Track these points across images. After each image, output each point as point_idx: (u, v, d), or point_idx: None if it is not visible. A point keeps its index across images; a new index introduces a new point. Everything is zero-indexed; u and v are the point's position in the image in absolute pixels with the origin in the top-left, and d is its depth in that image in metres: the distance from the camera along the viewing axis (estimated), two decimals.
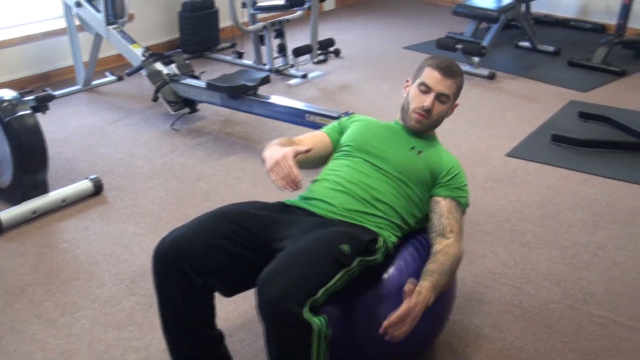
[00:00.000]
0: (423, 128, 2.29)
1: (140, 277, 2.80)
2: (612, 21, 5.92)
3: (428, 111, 2.23)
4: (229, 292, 2.06)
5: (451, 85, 2.25)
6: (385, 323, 1.83)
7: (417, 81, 2.27)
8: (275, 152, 2.05)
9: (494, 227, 3.20)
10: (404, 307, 1.83)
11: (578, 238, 3.12)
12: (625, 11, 5.53)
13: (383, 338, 2.10)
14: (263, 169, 2.06)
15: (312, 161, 2.31)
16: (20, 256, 2.96)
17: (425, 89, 2.23)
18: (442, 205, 2.17)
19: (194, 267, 1.92)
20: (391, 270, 2.10)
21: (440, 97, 2.24)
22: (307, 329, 1.73)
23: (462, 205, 2.22)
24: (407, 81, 2.35)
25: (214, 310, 2.04)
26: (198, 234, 1.96)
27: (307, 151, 2.08)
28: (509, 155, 3.96)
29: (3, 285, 2.75)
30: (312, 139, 2.33)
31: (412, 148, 2.26)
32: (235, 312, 2.57)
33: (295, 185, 1.96)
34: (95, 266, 2.88)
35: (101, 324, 2.52)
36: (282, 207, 2.16)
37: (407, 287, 1.85)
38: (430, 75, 2.23)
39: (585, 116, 4.46)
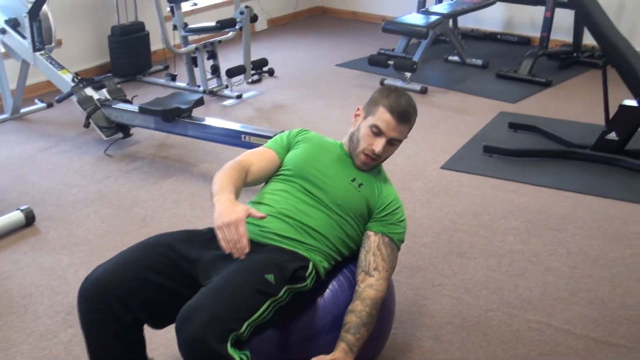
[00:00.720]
0: (369, 169, 2.23)
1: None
2: (536, 34, 6.12)
3: (378, 156, 2.17)
4: (159, 325, 2.02)
5: (404, 130, 2.17)
6: None
7: (370, 120, 2.16)
8: (228, 209, 1.86)
9: (432, 239, 3.25)
10: None
11: (513, 246, 3.20)
12: (548, 24, 5.74)
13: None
14: (211, 203, 1.94)
15: (261, 179, 2.26)
16: None
17: (377, 131, 2.14)
18: (372, 241, 2.13)
19: (122, 302, 1.87)
20: (325, 295, 2.10)
21: (391, 141, 2.17)
22: None
23: (395, 242, 2.17)
24: (358, 110, 2.26)
25: (144, 342, 2.02)
26: (125, 268, 1.91)
27: (262, 218, 1.94)
28: (444, 167, 4.04)
29: None
30: (259, 157, 2.23)
31: (353, 180, 2.19)
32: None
33: (241, 254, 1.83)
34: (29, 299, 2.80)
35: (37, 359, 2.44)
36: (212, 235, 2.03)
37: None
38: (384, 119, 2.12)
39: (514, 126, 4.59)
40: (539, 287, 2.88)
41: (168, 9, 5.21)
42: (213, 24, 5.12)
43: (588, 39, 5.52)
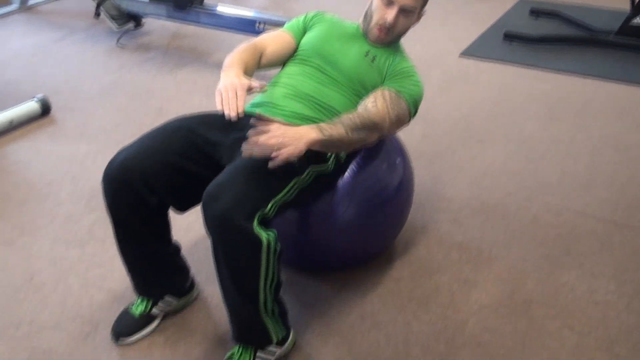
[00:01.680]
0: (384, 44, 2.16)
1: (98, 194, 2.73)
2: None
3: (390, 27, 2.09)
4: (182, 208, 2.03)
5: None
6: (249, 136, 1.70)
7: None
8: (233, 79, 1.85)
9: (451, 126, 3.22)
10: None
11: (533, 132, 3.17)
12: None
13: (341, 244, 2.11)
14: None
15: (277, 62, 2.21)
16: None
17: (388, 1, 2.06)
18: (377, 89, 2.06)
19: (147, 185, 1.86)
20: (345, 176, 2.09)
21: (404, 11, 2.07)
22: (256, 244, 1.68)
23: (403, 95, 2.05)
24: None
25: (169, 226, 2.03)
26: (149, 152, 1.89)
27: (262, 88, 1.87)
28: (463, 55, 3.95)
29: None
30: (274, 40, 2.18)
31: (367, 54, 2.13)
32: (198, 222, 2.56)
33: (233, 113, 1.75)
34: (50, 187, 2.83)
35: (62, 241, 2.49)
36: (230, 123, 2.06)
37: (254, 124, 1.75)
38: None
39: (536, 13, 4.46)
40: (559, 171, 2.87)
41: None
42: None
43: None
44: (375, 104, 1.99)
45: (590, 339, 2.02)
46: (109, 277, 2.30)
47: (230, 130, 1.99)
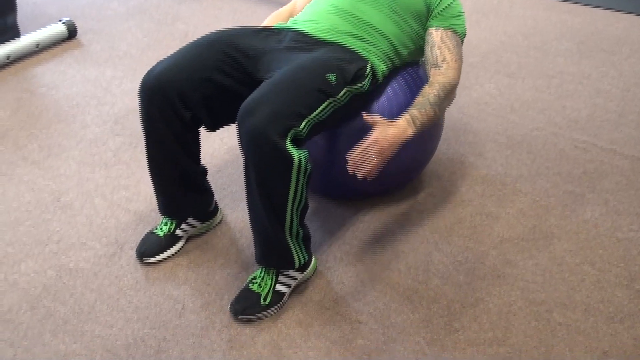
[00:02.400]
0: None
1: (124, 118, 2.77)
2: None
3: None
4: (214, 126, 2.02)
5: None
6: (349, 160, 1.79)
7: None
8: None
9: (479, 59, 3.16)
10: (364, 143, 1.79)
11: (563, 67, 3.11)
12: None
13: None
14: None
15: None
16: None
17: None
18: (434, 36, 2.09)
19: (183, 99, 1.87)
20: (380, 99, 2.08)
21: None
22: (288, 161, 1.69)
23: (458, 34, 2.12)
24: None
25: (199, 146, 2.03)
26: (185, 66, 1.88)
27: None
28: None
29: None
30: None
31: None
32: (223, 149, 2.58)
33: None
34: (76, 109, 2.84)
35: (88, 163, 2.52)
36: (270, 32, 2.07)
37: (365, 117, 1.82)
38: None
39: None
40: (588, 108, 2.83)
41: None
42: None
43: None
44: (445, 60, 2.03)
45: (610, 275, 2.02)
46: (134, 200, 2.33)
47: (268, 41, 2.01)
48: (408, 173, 2.31)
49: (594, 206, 2.29)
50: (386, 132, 1.82)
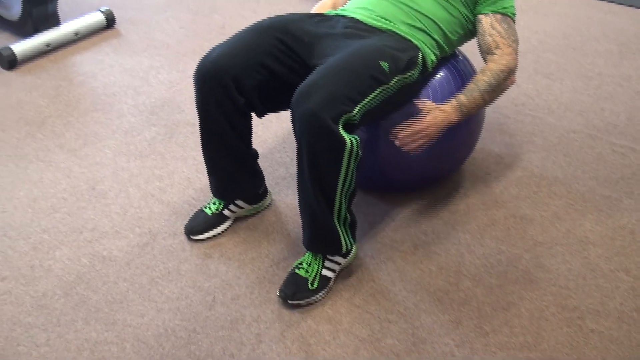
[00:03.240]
0: None
1: (160, 109, 2.79)
2: None
3: None
4: (263, 112, 2.05)
5: None
6: (398, 136, 1.87)
7: None
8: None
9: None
10: (416, 125, 1.86)
11: (603, 69, 3.05)
12: None
13: (409, 163, 2.12)
14: None
15: None
16: (37, 89, 2.94)
17: None
18: (484, 23, 2.08)
19: (237, 84, 1.90)
20: (425, 90, 2.07)
21: None
22: (340, 145, 1.72)
23: (509, 15, 2.10)
24: None
25: (251, 130, 2.06)
26: (240, 51, 1.91)
27: None
28: None
29: (23, 117, 2.75)
30: None
31: None
32: (274, 133, 2.58)
33: None
34: (113, 98, 2.87)
35: (123, 153, 2.54)
36: (323, 17, 2.08)
37: (416, 103, 1.88)
38: None
39: None
40: (627, 111, 2.78)
41: None
42: None
43: None
44: (498, 47, 2.03)
45: None
46: (168, 191, 2.35)
47: (321, 26, 2.03)
48: (448, 167, 2.29)
49: (631, 212, 2.25)
50: (436, 119, 1.88)
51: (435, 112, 1.89)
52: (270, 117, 2.71)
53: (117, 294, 1.96)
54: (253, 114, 2.02)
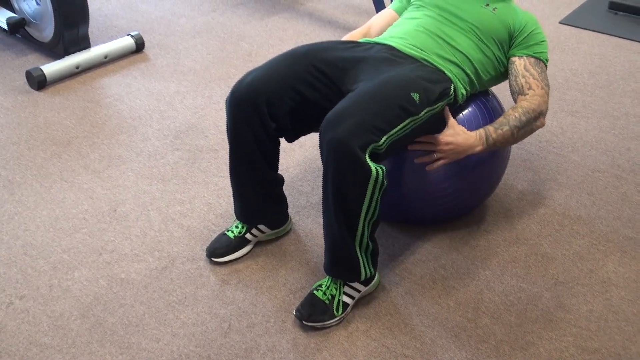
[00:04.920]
0: None
1: (184, 134, 2.81)
2: None
3: None
4: (293, 138, 2.06)
5: None
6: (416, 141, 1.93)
7: None
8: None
9: None
10: (436, 135, 1.91)
11: (629, 109, 3.03)
12: None
13: (432, 196, 2.11)
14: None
15: (385, 27, 2.32)
16: (65, 109, 2.98)
17: None
18: (518, 65, 2.09)
19: (270, 109, 1.92)
20: (458, 119, 2.06)
21: None
22: (366, 173, 1.72)
23: (542, 61, 2.12)
24: None
25: (279, 156, 2.08)
26: (276, 77, 1.93)
27: None
28: (563, 22, 3.80)
29: (50, 137, 2.78)
30: (383, 21, 2.32)
31: (487, 5, 2.15)
32: (300, 159, 2.59)
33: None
34: (138, 121, 2.90)
35: (146, 176, 2.56)
36: (358, 44, 2.10)
37: (445, 112, 1.96)
38: None
39: None
40: None
41: None
42: None
43: None
44: (530, 88, 2.05)
45: None
46: (188, 216, 2.36)
47: (356, 50, 2.06)
48: (469, 203, 2.28)
49: None
50: (457, 138, 1.91)
51: (457, 129, 1.91)
52: (292, 146, 2.72)
53: (134, 317, 1.95)
54: (282, 140, 2.04)
